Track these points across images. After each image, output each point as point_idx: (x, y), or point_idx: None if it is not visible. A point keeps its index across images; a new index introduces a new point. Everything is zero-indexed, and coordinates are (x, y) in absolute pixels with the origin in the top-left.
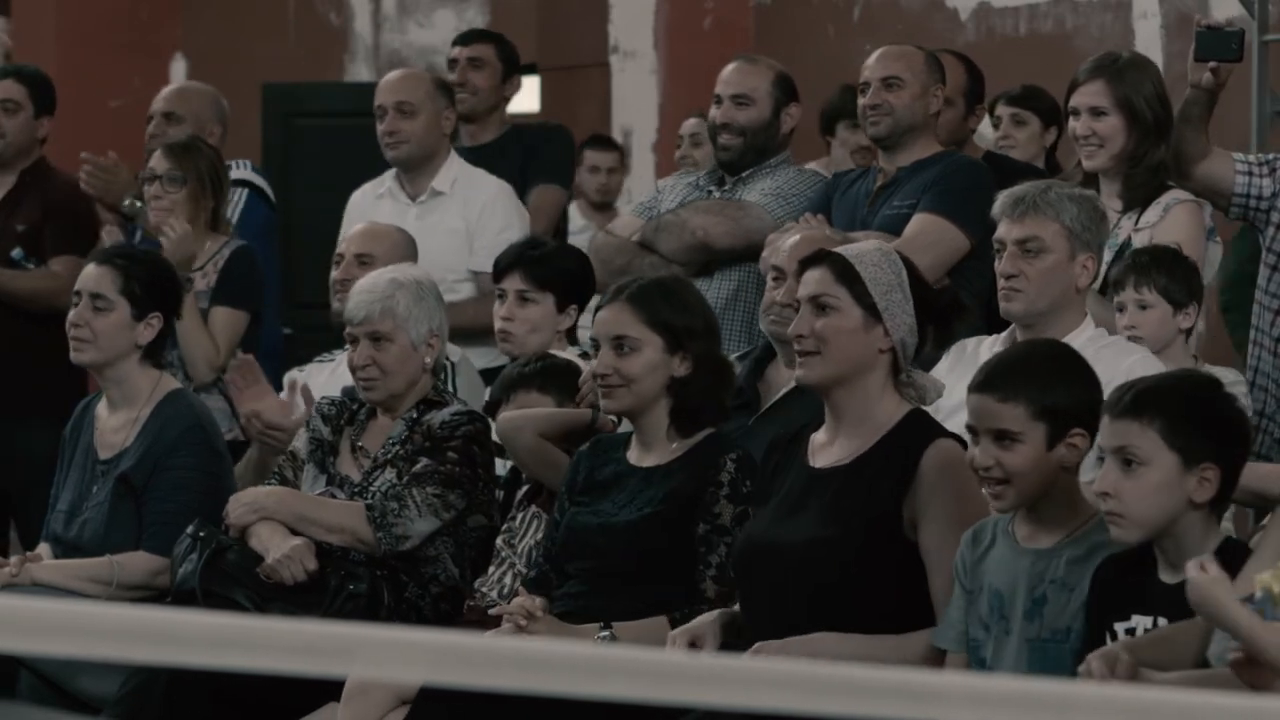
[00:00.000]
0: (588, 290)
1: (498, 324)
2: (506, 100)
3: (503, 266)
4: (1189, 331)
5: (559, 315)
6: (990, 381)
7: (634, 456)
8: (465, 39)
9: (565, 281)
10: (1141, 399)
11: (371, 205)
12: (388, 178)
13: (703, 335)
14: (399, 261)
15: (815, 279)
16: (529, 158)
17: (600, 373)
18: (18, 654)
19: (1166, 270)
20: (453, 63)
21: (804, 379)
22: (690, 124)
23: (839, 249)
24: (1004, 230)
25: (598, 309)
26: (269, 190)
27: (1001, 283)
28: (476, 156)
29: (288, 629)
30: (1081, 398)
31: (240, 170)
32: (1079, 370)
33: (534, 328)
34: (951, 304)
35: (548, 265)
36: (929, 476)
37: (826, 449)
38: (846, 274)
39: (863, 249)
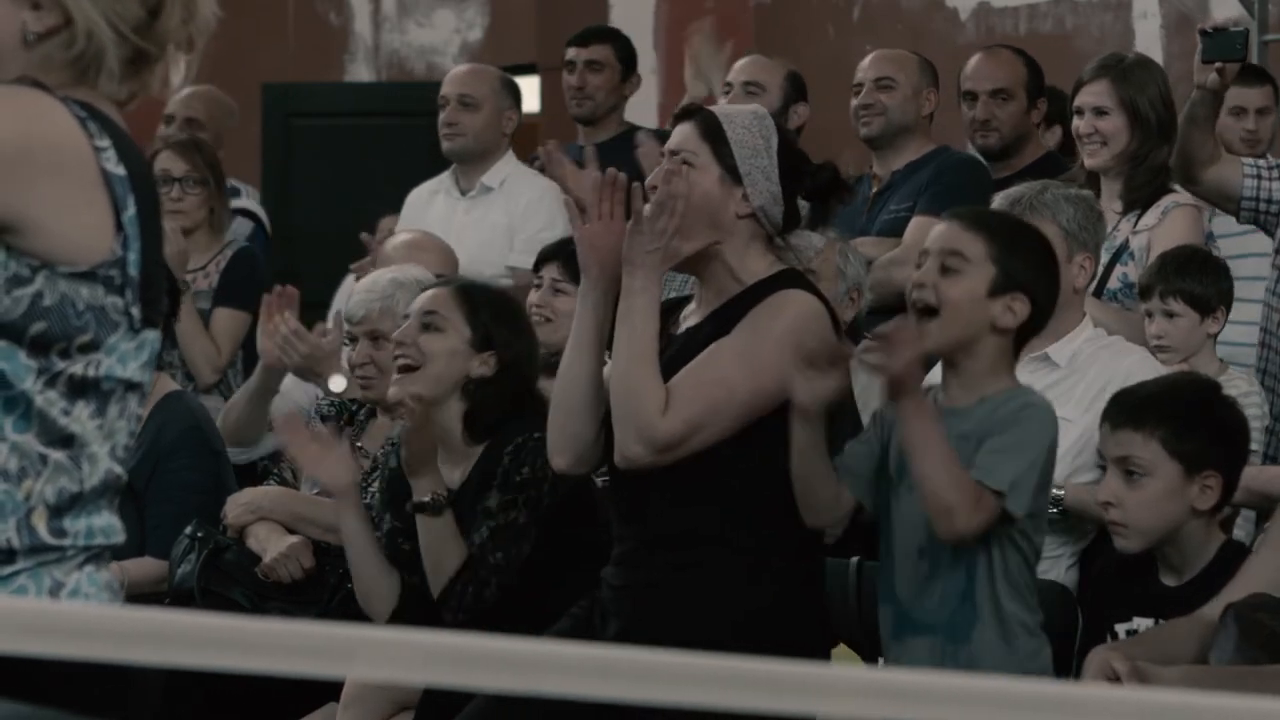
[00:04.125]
0: None
1: (534, 310)
2: (625, 99)
3: (545, 255)
4: (1216, 335)
5: None
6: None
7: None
8: (582, 39)
9: None
10: (1143, 409)
11: (426, 202)
12: (446, 175)
13: (514, 346)
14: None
15: (681, 134)
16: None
17: (397, 340)
18: (16, 655)
19: (1195, 275)
20: (569, 65)
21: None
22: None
23: (712, 108)
24: None
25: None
26: (266, 221)
27: None
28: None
29: (287, 629)
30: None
31: (246, 199)
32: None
33: (564, 318)
34: (831, 181)
35: None
36: (756, 309)
37: (692, 315)
38: (712, 131)
39: (737, 110)
